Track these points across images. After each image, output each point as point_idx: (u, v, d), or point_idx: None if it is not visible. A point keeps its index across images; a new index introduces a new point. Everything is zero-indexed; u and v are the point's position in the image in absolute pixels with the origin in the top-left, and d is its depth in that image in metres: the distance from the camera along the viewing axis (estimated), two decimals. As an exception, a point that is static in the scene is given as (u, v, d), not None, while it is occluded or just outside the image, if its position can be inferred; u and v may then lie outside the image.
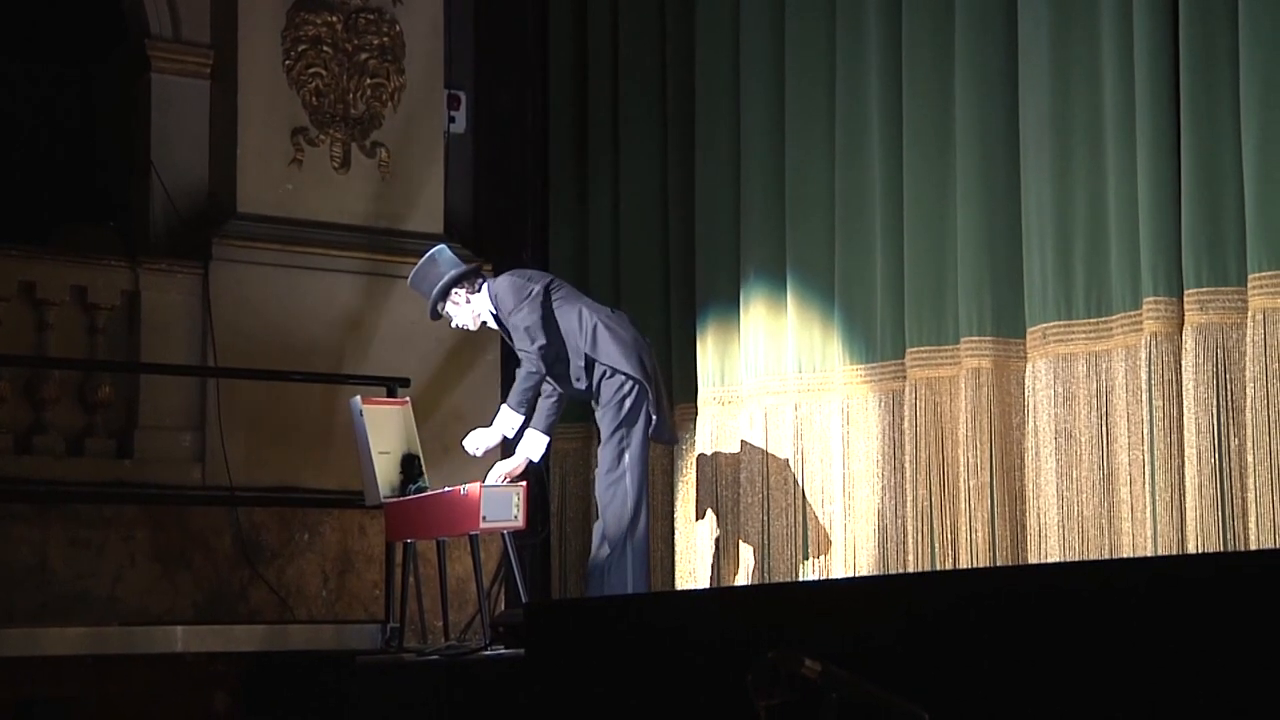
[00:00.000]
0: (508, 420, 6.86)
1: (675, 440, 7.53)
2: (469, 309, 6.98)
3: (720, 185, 7.77)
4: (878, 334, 7.04)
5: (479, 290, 6.97)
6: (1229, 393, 5.82)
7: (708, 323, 7.76)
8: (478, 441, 6.94)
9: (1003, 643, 4.04)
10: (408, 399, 7.24)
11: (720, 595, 6.17)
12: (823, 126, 7.34)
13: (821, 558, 7.18)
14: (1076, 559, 6.11)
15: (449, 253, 7.06)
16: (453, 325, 7.07)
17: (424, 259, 7.04)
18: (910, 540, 6.75)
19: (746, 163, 7.64)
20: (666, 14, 8.17)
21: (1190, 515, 5.81)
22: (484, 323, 7.03)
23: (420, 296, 7.04)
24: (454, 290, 6.93)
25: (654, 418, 6.89)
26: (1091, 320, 6.28)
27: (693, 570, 7.68)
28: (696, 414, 7.72)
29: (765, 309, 7.49)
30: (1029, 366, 6.47)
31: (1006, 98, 6.64)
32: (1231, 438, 5.80)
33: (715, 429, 7.65)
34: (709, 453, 7.66)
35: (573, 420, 7.81)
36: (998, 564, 6.40)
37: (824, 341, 7.28)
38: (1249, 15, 5.79)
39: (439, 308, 6.97)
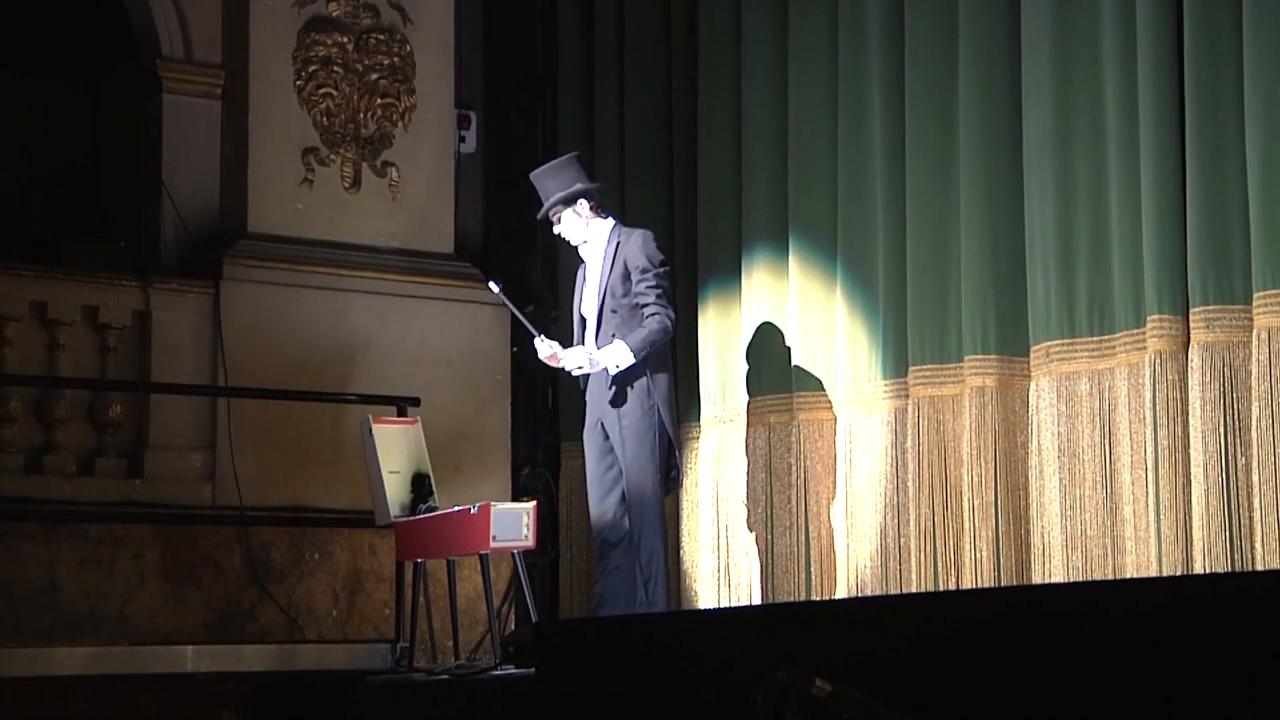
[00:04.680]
0: (619, 356, 6.60)
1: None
2: (584, 225, 6.77)
3: (723, 202, 7.81)
4: (880, 352, 7.05)
5: (603, 216, 6.82)
6: (1235, 411, 5.82)
7: (709, 341, 7.79)
8: (579, 360, 6.68)
9: (1009, 663, 4.05)
10: (418, 418, 7.25)
11: (731, 615, 6.18)
12: (825, 144, 7.38)
13: (824, 577, 7.19)
14: (1080, 579, 6.11)
15: (583, 164, 6.90)
16: (555, 230, 6.86)
17: (561, 159, 6.92)
18: (913, 559, 6.75)
19: (749, 180, 7.68)
20: (672, 35, 8.22)
21: (1197, 535, 5.81)
22: (585, 244, 6.83)
23: (542, 192, 6.81)
24: (581, 200, 6.77)
25: (676, 469, 6.84)
26: (1094, 338, 6.29)
27: (697, 590, 7.69)
28: (700, 433, 7.74)
29: (767, 328, 7.52)
30: (1032, 385, 6.47)
31: (1009, 114, 6.66)
32: (1238, 456, 5.80)
33: (717, 447, 7.67)
34: (711, 471, 7.67)
35: (579, 438, 7.82)
36: (1002, 584, 6.40)
37: (826, 360, 7.30)
38: (1254, 31, 5.79)
39: (556, 212, 6.77)
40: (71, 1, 8.94)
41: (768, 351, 7.52)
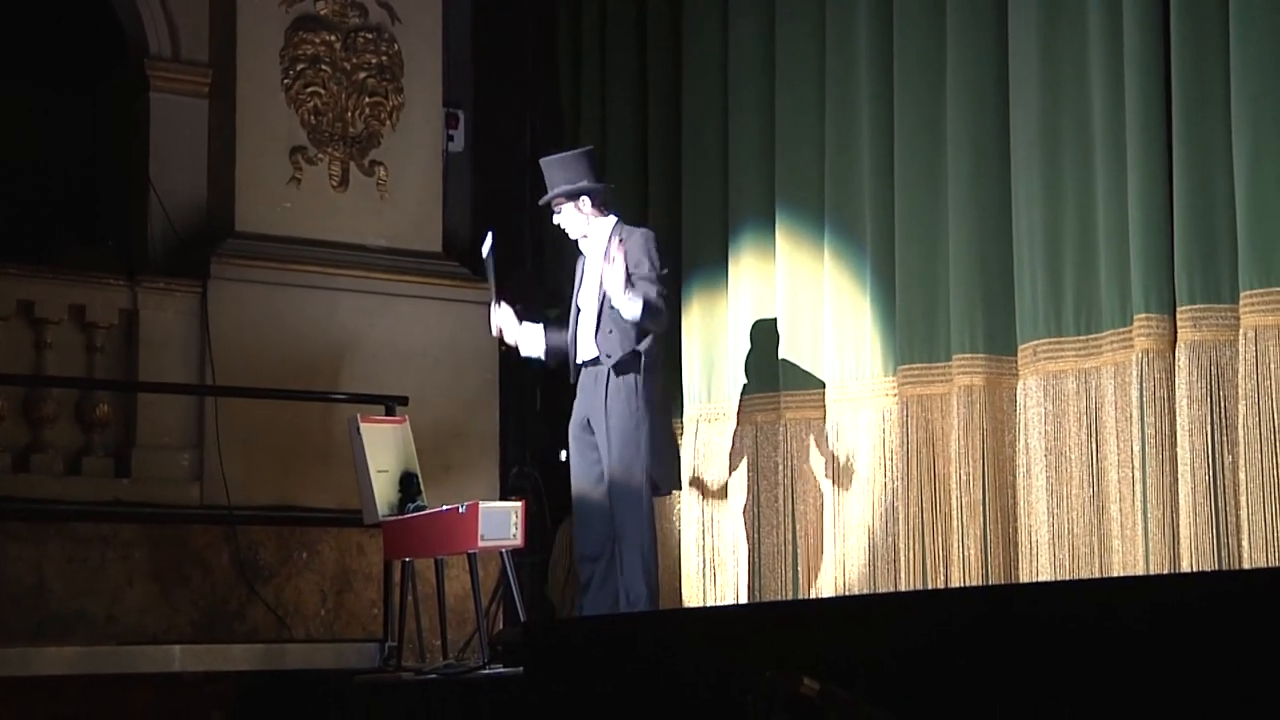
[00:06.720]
0: (630, 308, 6.57)
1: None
2: (584, 221, 6.79)
3: (709, 199, 7.83)
4: (868, 351, 7.07)
5: (605, 214, 6.83)
6: (1222, 410, 5.83)
7: (695, 338, 7.79)
8: (614, 278, 6.54)
9: (997, 662, 4.06)
10: (406, 417, 7.26)
11: (719, 614, 6.19)
12: (813, 143, 7.39)
13: (811, 575, 7.20)
14: (1067, 577, 6.12)
15: (593, 162, 6.91)
16: (554, 220, 6.89)
17: (575, 152, 6.94)
18: (901, 558, 6.76)
19: (735, 178, 7.69)
20: (649, 37, 8.23)
21: (1184, 533, 5.82)
22: (584, 238, 6.84)
23: (549, 181, 6.84)
24: (584, 198, 6.78)
25: (666, 473, 6.83)
26: (1081, 337, 6.30)
27: (684, 589, 7.68)
28: (683, 431, 7.74)
29: (753, 326, 7.53)
30: (1020, 384, 6.48)
31: (997, 115, 6.67)
32: (1225, 455, 5.81)
33: (702, 446, 7.67)
34: (696, 470, 7.67)
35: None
36: (989, 582, 6.42)
37: (814, 358, 7.31)
38: (1240, 33, 5.80)
39: (559, 204, 6.80)
40: (59, 1, 8.92)
41: (754, 350, 7.52)
